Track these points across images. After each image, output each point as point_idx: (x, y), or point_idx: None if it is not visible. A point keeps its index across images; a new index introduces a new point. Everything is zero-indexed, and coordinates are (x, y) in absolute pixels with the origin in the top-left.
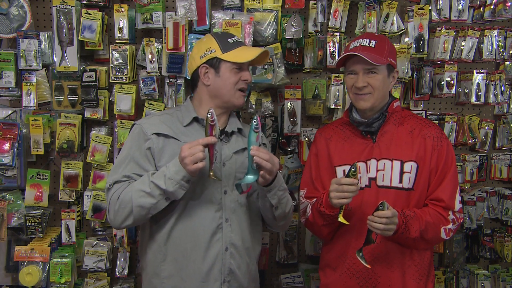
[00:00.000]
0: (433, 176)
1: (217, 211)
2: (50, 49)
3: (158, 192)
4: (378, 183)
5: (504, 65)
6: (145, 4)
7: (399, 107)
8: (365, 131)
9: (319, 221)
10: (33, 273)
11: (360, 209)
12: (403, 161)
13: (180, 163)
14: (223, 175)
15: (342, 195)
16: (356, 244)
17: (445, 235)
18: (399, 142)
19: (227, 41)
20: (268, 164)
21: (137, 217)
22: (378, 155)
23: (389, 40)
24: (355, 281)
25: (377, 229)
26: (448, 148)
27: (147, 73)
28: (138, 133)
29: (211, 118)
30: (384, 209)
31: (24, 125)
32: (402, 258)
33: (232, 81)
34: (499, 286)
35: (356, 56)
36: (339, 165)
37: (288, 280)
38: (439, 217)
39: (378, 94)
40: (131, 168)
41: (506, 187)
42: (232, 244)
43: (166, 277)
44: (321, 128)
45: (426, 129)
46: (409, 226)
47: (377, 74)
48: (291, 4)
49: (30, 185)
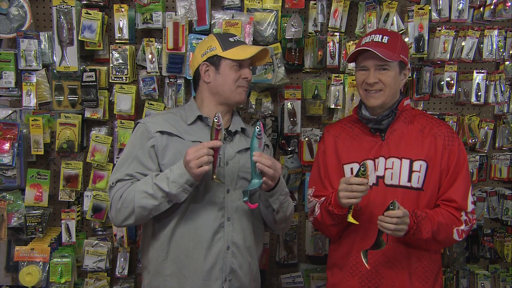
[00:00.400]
0: (444, 176)
1: (219, 210)
2: (50, 49)
3: (161, 195)
4: (386, 182)
5: (504, 65)
6: (145, 4)
7: (409, 105)
8: (374, 128)
9: (328, 221)
10: (33, 273)
11: (367, 209)
12: (412, 160)
13: (185, 166)
14: (226, 174)
15: (351, 195)
16: (361, 244)
17: (457, 236)
18: (408, 140)
19: (228, 40)
20: (270, 170)
21: (139, 217)
22: (386, 153)
23: (401, 36)
24: (357, 280)
25: (387, 229)
26: (459, 147)
27: (147, 73)
28: (142, 132)
29: (218, 123)
30: (395, 209)
31: (24, 125)
32: (409, 259)
33: (232, 78)
34: (499, 286)
35: (368, 52)
36: (347, 163)
37: (288, 280)
38: (452, 218)
39: (389, 91)
40: (134, 167)
41: (506, 187)
42: (234, 243)
43: (168, 275)
44: (329, 126)
45: (436, 128)
46: (421, 227)
47: (389, 71)
48: (291, 4)
49: (30, 185)
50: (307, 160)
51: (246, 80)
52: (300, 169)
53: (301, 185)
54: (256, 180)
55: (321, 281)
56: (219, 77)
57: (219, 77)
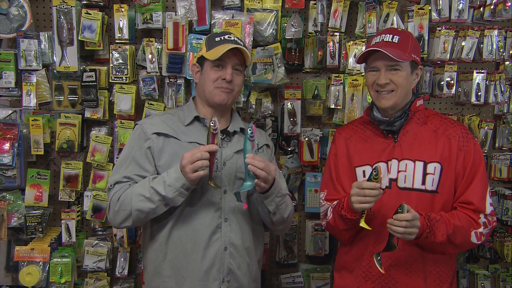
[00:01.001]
0: (460, 178)
1: (216, 210)
2: (50, 49)
3: (158, 198)
4: (399, 185)
5: (504, 65)
6: (145, 4)
7: (422, 106)
8: (387, 130)
9: (341, 225)
10: (33, 273)
11: (380, 212)
12: (426, 162)
13: (181, 170)
14: (223, 175)
15: (364, 200)
16: (374, 248)
17: (476, 239)
18: (422, 142)
19: (213, 39)
20: (262, 172)
21: (136, 220)
22: (399, 155)
23: (412, 35)
24: (370, 285)
25: (397, 233)
26: (475, 148)
27: (147, 73)
28: (139, 133)
29: (214, 127)
30: (404, 212)
31: (24, 125)
32: (424, 263)
33: (211, 78)
34: (499, 286)
35: (378, 52)
36: (359, 166)
37: (288, 280)
38: (469, 220)
39: (401, 91)
40: (132, 169)
41: (506, 187)
42: (232, 244)
43: (167, 276)
44: (340, 128)
45: (451, 129)
46: (435, 229)
47: (400, 71)
48: (291, 4)
49: (30, 185)
50: (307, 160)
51: (225, 81)
52: (300, 169)
53: (301, 185)
54: (248, 183)
55: (321, 281)
56: (202, 78)
57: (202, 77)
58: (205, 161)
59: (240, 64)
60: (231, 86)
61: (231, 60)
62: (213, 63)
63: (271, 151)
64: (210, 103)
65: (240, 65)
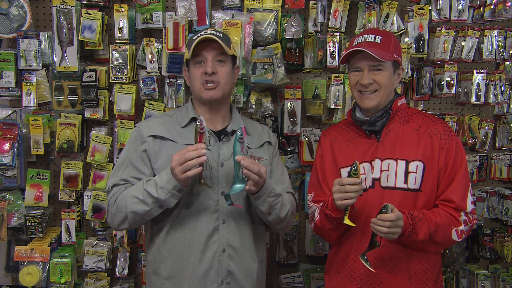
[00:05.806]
0: (442, 175)
1: (213, 212)
2: (50, 49)
3: (151, 200)
4: (382, 184)
5: (504, 65)
6: (145, 4)
7: (405, 105)
8: (369, 130)
9: (327, 225)
10: (33, 273)
11: (364, 211)
12: (408, 161)
13: (171, 172)
14: (221, 176)
15: (345, 196)
16: (359, 247)
17: (457, 237)
18: (404, 141)
19: (192, 39)
20: (256, 177)
21: (132, 222)
22: (382, 155)
23: (394, 35)
24: (355, 285)
25: (380, 233)
26: (457, 145)
27: (147, 73)
28: (136, 136)
29: (200, 126)
30: (388, 212)
31: (24, 125)
32: (408, 262)
33: (195, 76)
34: (499, 286)
35: (361, 52)
36: (343, 167)
37: (288, 280)
38: (450, 218)
39: (384, 91)
40: (129, 172)
41: (506, 187)
42: (230, 246)
43: (165, 277)
44: (325, 130)
45: (432, 127)
46: (417, 228)
47: (383, 71)
48: (291, 4)
49: (30, 185)
50: (307, 160)
51: (207, 74)
52: (300, 169)
53: (301, 185)
54: (239, 185)
55: (321, 281)
56: (190, 79)
57: (190, 78)
58: (193, 161)
59: (221, 54)
60: (216, 78)
61: (210, 53)
62: (194, 61)
63: (273, 147)
64: (202, 102)
65: (222, 55)
